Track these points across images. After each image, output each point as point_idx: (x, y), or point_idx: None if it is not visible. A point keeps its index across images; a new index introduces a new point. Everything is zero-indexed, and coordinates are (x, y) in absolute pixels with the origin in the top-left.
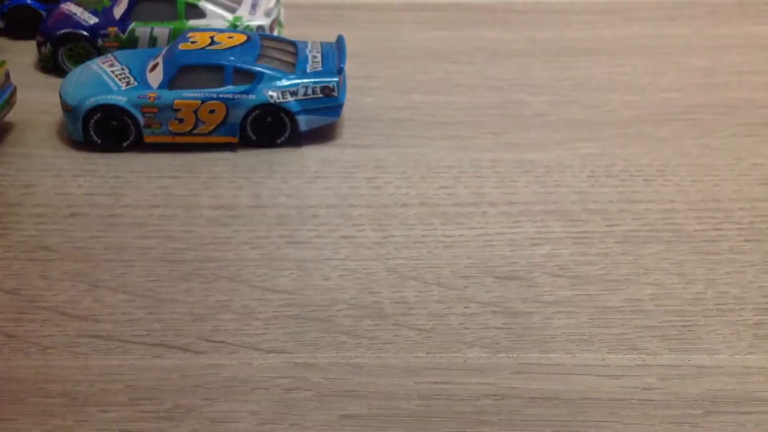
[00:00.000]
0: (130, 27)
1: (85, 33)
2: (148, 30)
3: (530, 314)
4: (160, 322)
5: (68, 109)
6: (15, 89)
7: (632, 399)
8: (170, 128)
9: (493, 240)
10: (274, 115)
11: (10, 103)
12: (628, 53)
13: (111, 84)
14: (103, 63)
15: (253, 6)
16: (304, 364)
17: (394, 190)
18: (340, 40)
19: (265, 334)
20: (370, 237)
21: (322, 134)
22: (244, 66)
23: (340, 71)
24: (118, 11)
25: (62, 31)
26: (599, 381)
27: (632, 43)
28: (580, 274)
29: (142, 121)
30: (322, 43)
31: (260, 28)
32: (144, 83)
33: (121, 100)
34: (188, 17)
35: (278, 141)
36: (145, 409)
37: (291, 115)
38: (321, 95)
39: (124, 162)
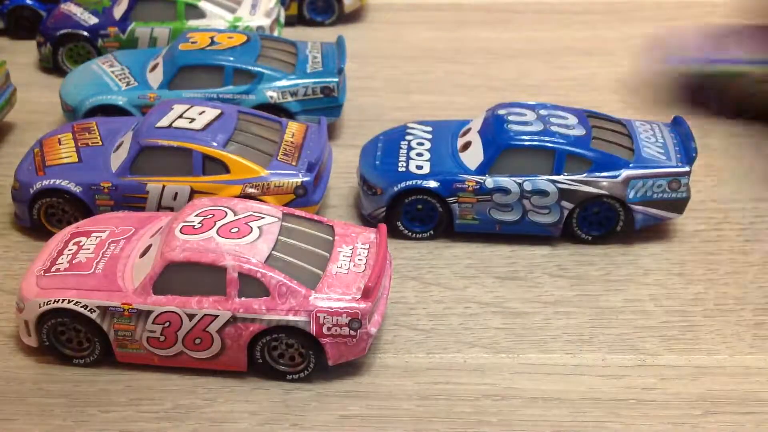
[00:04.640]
0: (130, 27)
1: (85, 33)
2: (148, 30)
3: (530, 314)
4: None
5: (68, 109)
6: (15, 89)
7: (632, 399)
8: None
9: (493, 240)
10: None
11: (10, 103)
12: (628, 53)
13: (111, 84)
14: (103, 63)
15: (253, 6)
16: None
17: None
18: (340, 41)
19: None
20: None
21: None
22: (244, 66)
23: (340, 71)
24: (118, 11)
25: (62, 31)
26: (599, 381)
27: (632, 43)
28: (580, 274)
29: None
30: (322, 44)
31: (260, 28)
32: (144, 83)
33: (120, 100)
34: (188, 17)
35: None
36: (145, 409)
37: (291, 116)
38: (321, 95)
39: None
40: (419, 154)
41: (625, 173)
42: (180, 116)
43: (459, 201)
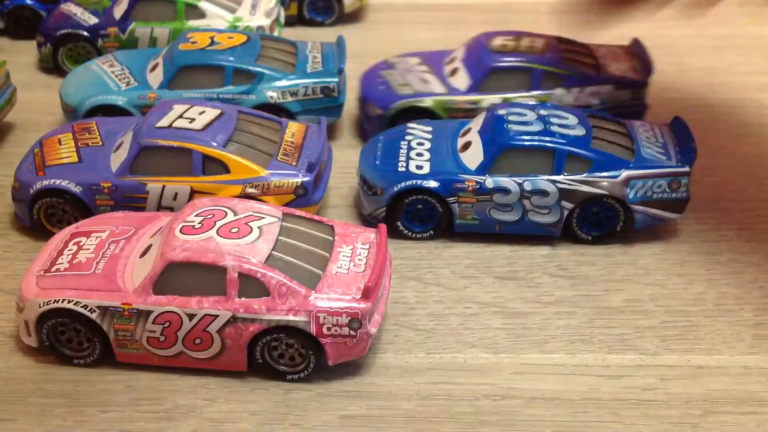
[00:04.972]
0: (130, 27)
1: (85, 33)
2: (148, 30)
3: (530, 314)
4: None
5: (68, 109)
6: (15, 89)
7: (632, 399)
8: None
9: (493, 240)
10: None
11: (10, 103)
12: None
13: (111, 84)
14: (103, 63)
15: (253, 6)
16: None
17: None
18: (340, 41)
19: None
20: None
21: None
22: (244, 66)
23: (340, 72)
24: (118, 11)
25: (62, 31)
26: (599, 381)
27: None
28: (580, 274)
29: None
30: (322, 44)
31: (260, 28)
32: (144, 83)
33: (120, 100)
34: (188, 17)
35: None
36: (145, 409)
37: (291, 116)
38: (321, 95)
39: None
40: (419, 154)
41: (625, 173)
42: (180, 116)
43: (459, 201)
